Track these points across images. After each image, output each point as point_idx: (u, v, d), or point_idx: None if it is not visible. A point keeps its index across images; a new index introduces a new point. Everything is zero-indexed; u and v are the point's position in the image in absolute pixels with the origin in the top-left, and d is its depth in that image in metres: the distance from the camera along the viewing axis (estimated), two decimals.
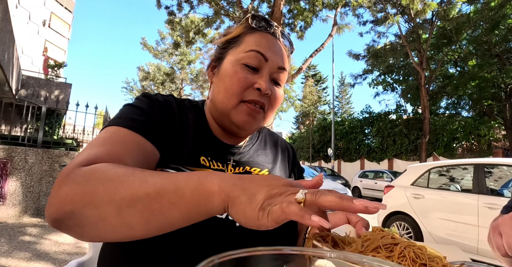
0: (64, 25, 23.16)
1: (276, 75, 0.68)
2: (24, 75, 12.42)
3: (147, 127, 0.58)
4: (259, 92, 0.65)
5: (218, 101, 0.67)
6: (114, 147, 0.51)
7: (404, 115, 21.88)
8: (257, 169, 0.73)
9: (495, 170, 4.40)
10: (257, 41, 0.67)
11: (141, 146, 0.55)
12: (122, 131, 0.55)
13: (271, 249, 0.24)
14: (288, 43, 0.75)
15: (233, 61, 0.66)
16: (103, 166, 0.44)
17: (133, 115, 0.59)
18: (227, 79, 0.65)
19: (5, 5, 7.41)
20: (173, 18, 12.02)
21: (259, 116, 0.67)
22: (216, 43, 0.74)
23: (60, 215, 0.41)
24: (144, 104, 0.63)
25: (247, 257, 0.23)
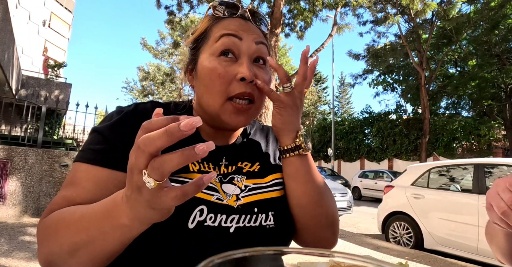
0: (64, 25, 23.17)
1: (257, 53, 0.63)
2: (24, 75, 12.43)
3: (105, 155, 0.56)
4: (244, 82, 0.59)
5: (204, 104, 0.63)
6: (72, 189, 0.54)
7: (404, 115, 21.89)
8: (248, 164, 0.70)
9: (495, 170, 4.40)
10: (225, 26, 0.62)
11: (97, 178, 0.54)
12: (80, 168, 0.56)
13: (271, 249, 0.24)
14: (264, 22, 0.69)
15: (208, 57, 0.61)
16: (52, 218, 0.51)
17: (93, 145, 0.58)
18: (206, 78, 0.60)
19: (5, 5, 7.42)
20: (173, 18, 12.00)
21: (250, 111, 0.62)
22: (186, 45, 0.70)
23: (47, 265, 0.50)
24: (107, 128, 0.59)
25: (247, 257, 0.23)
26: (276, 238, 0.63)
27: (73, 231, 0.46)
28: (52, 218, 0.51)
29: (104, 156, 0.56)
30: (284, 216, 0.66)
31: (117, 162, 0.55)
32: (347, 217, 8.60)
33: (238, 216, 0.60)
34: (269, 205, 0.65)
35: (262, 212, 0.63)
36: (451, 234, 4.40)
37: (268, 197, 0.66)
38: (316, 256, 0.25)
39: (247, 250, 0.24)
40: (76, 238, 0.45)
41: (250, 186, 0.66)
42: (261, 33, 0.66)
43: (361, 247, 4.70)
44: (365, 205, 12.27)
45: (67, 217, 0.49)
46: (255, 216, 0.62)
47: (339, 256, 0.25)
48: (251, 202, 0.63)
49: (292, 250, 0.25)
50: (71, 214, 0.49)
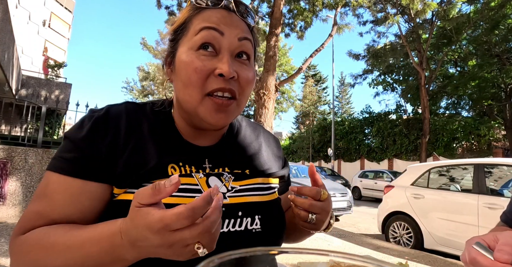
0: (64, 25, 23.18)
1: (240, 49, 0.58)
2: (24, 75, 12.43)
3: (76, 165, 0.53)
4: (223, 78, 0.55)
5: (180, 99, 0.59)
6: (43, 203, 0.52)
7: (404, 115, 21.89)
8: (237, 171, 0.66)
9: (495, 170, 4.40)
10: (206, 18, 0.57)
11: (70, 190, 0.52)
12: (52, 179, 0.53)
13: (271, 249, 0.25)
14: (250, 15, 0.63)
15: (186, 50, 0.56)
16: (30, 238, 0.49)
17: (64, 154, 0.54)
18: (183, 73, 0.56)
19: (5, 5, 7.42)
20: (173, 18, 12.02)
21: (231, 108, 0.57)
22: (164, 37, 0.66)
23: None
24: (78, 135, 0.56)
25: (247, 257, 0.23)
26: (263, 242, 0.61)
27: (62, 259, 0.46)
28: (32, 238, 0.49)
29: (75, 166, 0.53)
30: (273, 221, 0.64)
31: (89, 171, 0.54)
32: (347, 217, 8.60)
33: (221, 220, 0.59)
34: (256, 208, 0.63)
35: (247, 216, 0.61)
36: (451, 234, 4.40)
37: (255, 200, 0.64)
38: (316, 255, 0.26)
39: (247, 250, 0.24)
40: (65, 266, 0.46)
41: (237, 187, 0.64)
42: (246, 27, 0.61)
43: (361, 247, 4.70)
44: (365, 205, 12.27)
45: (51, 242, 0.47)
46: (239, 220, 0.60)
47: (339, 256, 0.25)
48: (236, 204, 0.61)
49: (292, 250, 0.26)
50: (55, 240, 0.47)
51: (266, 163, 0.72)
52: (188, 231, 0.38)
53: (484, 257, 0.46)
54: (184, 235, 0.38)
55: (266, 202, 0.66)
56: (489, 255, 0.46)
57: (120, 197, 0.55)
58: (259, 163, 0.71)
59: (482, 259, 0.46)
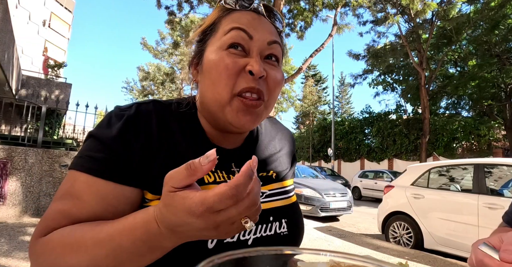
0: (64, 25, 23.17)
1: (269, 51, 0.57)
2: (24, 75, 12.43)
3: (108, 166, 0.50)
4: (252, 76, 0.53)
5: (208, 99, 0.57)
6: (70, 203, 0.49)
7: (404, 115, 21.89)
8: (263, 174, 0.66)
9: (495, 170, 4.40)
10: (235, 19, 0.56)
11: (100, 191, 0.49)
12: (80, 179, 0.50)
13: (271, 249, 0.24)
14: (278, 19, 0.63)
15: (215, 49, 0.55)
16: (54, 237, 0.46)
17: (93, 153, 0.51)
18: (213, 70, 0.54)
19: (5, 5, 7.42)
20: (173, 18, 12.02)
21: (259, 110, 0.56)
22: (192, 38, 0.64)
23: None
24: (107, 133, 0.52)
25: (247, 257, 0.23)
26: (289, 244, 0.62)
27: (91, 255, 0.43)
28: (56, 237, 0.46)
29: (107, 167, 0.50)
30: (296, 223, 0.66)
31: (122, 174, 0.50)
32: (347, 217, 8.60)
33: (254, 226, 0.58)
34: (282, 212, 0.64)
35: (276, 220, 0.62)
36: (451, 234, 4.40)
37: (282, 205, 0.65)
38: (316, 255, 0.26)
39: (247, 250, 0.23)
40: (98, 263, 0.42)
41: (267, 192, 0.64)
42: (274, 30, 0.60)
43: (361, 247, 4.70)
44: (365, 205, 12.27)
45: (77, 238, 0.44)
46: (270, 224, 0.60)
47: (339, 256, 0.25)
48: (267, 210, 0.62)
49: (292, 250, 0.25)
50: (82, 235, 0.44)
51: (285, 164, 0.73)
52: (234, 208, 0.36)
53: (491, 258, 0.46)
54: (231, 214, 0.36)
55: (290, 205, 0.67)
56: (495, 255, 0.46)
57: (153, 203, 0.52)
58: (280, 165, 0.71)
59: (489, 260, 0.46)
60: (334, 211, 7.69)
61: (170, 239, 0.40)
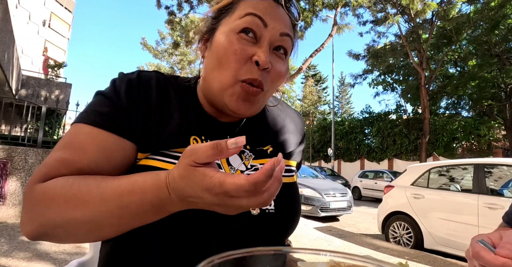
0: (64, 25, 23.18)
1: (279, 43, 0.58)
2: (24, 75, 12.43)
3: (112, 120, 0.53)
4: (258, 67, 0.54)
5: (211, 78, 0.58)
6: (72, 152, 0.49)
7: (404, 115, 21.90)
8: (259, 148, 0.66)
9: (495, 170, 4.40)
10: (253, 5, 0.57)
11: (103, 142, 0.51)
12: (83, 130, 0.51)
13: (271, 249, 0.25)
14: (295, 11, 0.63)
15: (227, 31, 0.56)
16: (57, 185, 0.46)
17: (99, 108, 0.54)
18: (221, 52, 0.55)
19: (5, 5, 7.42)
20: (173, 18, 12.02)
21: (257, 98, 0.57)
22: (207, 13, 0.65)
23: (35, 235, 0.47)
24: (112, 91, 0.56)
25: (247, 257, 0.23)
26: (275, 224, 0.61)
27: (96, 210, 0.43)
28: (58, 186, 0.46)
29: (112, 121, 0.52)
30: (287, 203, 0.64)
31: (125, 129, 0.53)
32: (347, 217, 8.60)
33: (259, 211, 0.58)
34: None
35: None
36: (451, 234, 4.40)
37: None
38: (316, 255, 0.26)
39: (247, 250, 0.23)
40: (102, 219, 0.44)
41: (257, 166, 0.63)
42: (289, 22, 0.60)
43: (361, 247, 4.70)
44: (365, 205, 12.27)
45: (83, 192, 0.45)
46: None
47: (339, 256, 0.25)
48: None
49: (291, 250, 0.25)
50: (89, 190, 0.45)
51: (288, 142, 0.72)
52: (246, 200, 0.37)
53: (487, 251, 0.48)
54: (242, 203, 0.38)
55: (284, 183, 0.65)
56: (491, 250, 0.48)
57: (142, 162, 0.54)
58: (281, 142, 0.71)
59: (485, 253, 0.48)
60: (334, 211, 7.69)
61: (178, 206, 0.42)
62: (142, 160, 0.55)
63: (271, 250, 0.25)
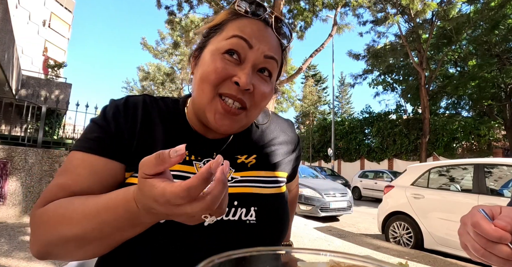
0: (64, 25, 23.17)
1: (263, 65, 0.59)
2: (24, 75, 12.43)
3: (101, 144, 0.57)
4: (237, 86, 0.56)
5: (195, 94, 0.60)
6: (67, 177, 0.55)
7: (404, 115, 21.90)
8: (244, 155, 0.68)
9: (495, 170, 4.40)
10: (240, 27, 0.58)
11: (93, 166, 0.56)
12: (76, 156, 0.57)
13: (270, 249, 0.25)
14: (287, 30, 0.64)
15: (213, 50, 0.58)
16: (49, 209, 0.51)
17: (89, 135, 0.59)
18: (204, 69, 0.58)
19: (5, 5, 7.42)
20: (173, 18, 12.02)
21: (239, 117, 0.59)
22: (199, 31, 0.67)
23: (41, 255, 0.51)
24: (102, 118, 0.61)
25: (246, 257, 0.23)
26: (256, 235, 0.61)
27: (80, 227, 0.47)
28: (51, 209, 0.51)
29: (100, 145, 0.57)
30: (271, 214, 0.64)
31: (113, 151, 0.57)
32: (347, 217, 8.60)
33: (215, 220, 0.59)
34: (252, 200, 0.62)
35: (242, 206, 0.61)
36: (451, 234, 4.40)
37: (253, 192, 0.63)
38: (316, 256, 0.26)
39: (247, 250, 0.24)
40: (87, 233, 0.47)
41: (237, 178, 0.64)
42: (277, 44, 0.62)
43: (361, 247, 4.70)
44: (365, 205, 12.27)
45: (69, 211, 0.49)
46: (234, 209, 0.60)
47: (339, 256, 0.25)
48: (232, 194, 0.60)
49: (291, 250, 0.26)
50: (74, 209, 0.49)
51: (275, 154, 0.73)
52: (189, 206, 0.38)
53: (487, 222, 0.49)
54: (186, 210, 0.38)
55: (266, 194, 0.65)
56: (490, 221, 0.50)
57: (129, 180, 0.58)
58: (267, 154, 0.71)
59: (485, 223, 0.49)
60: (334, 211, 7.69)
61: (148, 218, 0.44)
62: (128, 178, 0.59)
63: (270, 250, 0.25)
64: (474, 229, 0.50)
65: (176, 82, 27.18)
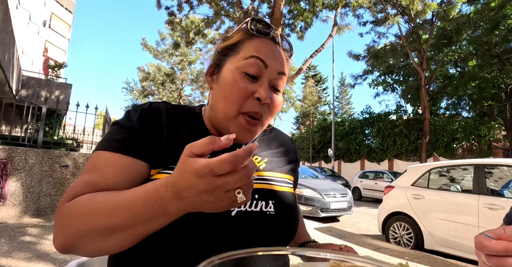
0: (64, 25, 23.18)
1: (276, 81, 0.68)
2: (25, 76, 12.43)
3: (127, 144, 0.61)
4: (259, 102, 0.64)
5: (218, 109, 0.67)
6: (94, 175, 0.58)
7: (404, 116, 21.86)
8: (257, 158, 0.75)
9: (496, 171, 4.40)
10: (256, 47, 0.67)
11: (120, 165, 0.59)
12: (103, 155, 0.60)
13: (271, 250, 0.25)
14: (288, 46, 0.74)
15: (233, 69, 0.66)
16: (79, 201, 0.53)
17: (115, 135, 0.63)
18: (227, 88, 0.65)
19: (6, 5, 7.42)
20: (173, 18, 12.01)
21: (256, 128, 0.67)
22: (215, 48, 0.75)
23: (64, 247, 0.53)
24: (126, 120, 0.65)
25: (247, 258, 0.23)
26: (277, 225, 0.67)
27: (108, 216, 0.49)
28: (80, 202, 0.53)
29: (126, 145, 0.61)
30: (286, 207, 0.71)
31: (139, 151, 0.61)
32: (347, 218, 8.59)
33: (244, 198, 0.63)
34: (269, 194, 0.69)
35: (262, 199, 0.67)
36: (451, 235, 4.39)
37: (269, 188, 0.70)
38: (316, 256, 0.26)
39: (248, 251, 0.24)
40: (113, 223, 0.49)
41: (254, 176, 0.69)
42: (284, 59, 0.71)
43: (361, 247, 4.69)
44: (365, 206, 12.26)
45: (99, 201, 0.52)
46: (255, 201, 0.66)
47: (339, 257, 0.25)
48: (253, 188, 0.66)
49: (291, 251, 0.25)
50: (103, 199, 0.52)
51: (281, 160, 0.81)
52: (231, 176, 0.41)
53: (488, 240, 0.50)
54: (227, 180, 0.41)
55: (280, 191, 0.72)
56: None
57: (155, 177, 0.62)
58: (275, 160, 0.79)
59: (487, 241, 0.50)
60: (334, 212, 7.68)
61: (174, 205, 0.46)
62: (154, 175, 0.62)
63: (271, 250, 0.25)
64: (481, 252, 0.51)
65: (176, 83, 27.15)
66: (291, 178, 0.80)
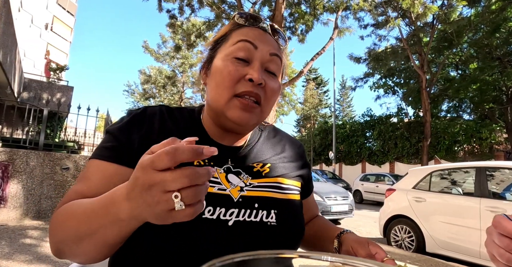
0: (66, 28, 23.31)
1: (269, 63, 0.66)
2: (26, 78, 12.47)
3: (114, 152, 0.62)
4: (252, 83, 0.62)
5: (211, 99, 0.66)
6: (82, 183, 0.60)
7: (405, 119, 21.85)
8: (260, 164, 0.71)
9: (497, 173, 4.39)
10: (244, 33, 0.66)
11: (106, 171, 0.60)
12: (92, 164, 0.62)
13: (272, 253, 0.24)
14: (281, 37, 0.73)
15: (223, 57, 0.65)
16: (62, 210, 0.55)
17: (105, 144, 0.64)
18: (217, 75, 0.64)
19: (8, 8, 7.46)
20: (175, 21, 12.06)
21: (255, 111, 0.64)
22: (206, 46, 0.75)
23: (57, 253, 0.55)
24: (117, 128, 0.65)
25: (248, 261, 0.23)
26: (278, 236, 0.63)
27: (77, 223, 0.50)
28: (62, 210, 0.55)
29: (112, 152, 0.62)
30: (290, 217, 0.66)
31: (124, 157, 0.61)
32: (349, 221, 8.56)
33: (237, 209, 0.61)
34: (272, 203, 0.66)
35: (263, 209, 0.64)
36: (453, 238, 4.38)
37: (272, 196, 0.67)
38: (317, 258, 0.26)
39: (249, 254, 0.23)
40: (79, 230, 0.49)
41: (255, 184, 0.67)
42: (277, 45, 0.70)
43: None
44: (367, 209, 12.22)
45: (74, 209, 0.53)
46: (255, 211, 0.63)
47: (340, 259, 0.25)
48: (253, 197, 0.64)
49: (292, 252, 0.25)
50: (77, 207, 0.52)
51: (286, 165, 0.77)
52: (169, 173, 0.37)
53: (507, 220, 0.51)
54: (165, 176, 0.36)
55: (284, 199, 0.69)
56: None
57: None
58: (279, 165, 0.75)
59: (505, 220, 0.51)
60: (336, 215, 7.66)
61: (124, 208, 0.42)
62: None
63: (272, 253, 0.24)
64: (496, 230, 0.52)
65: (178, 85, 27.23)
66: (298, 184, 0.76)
